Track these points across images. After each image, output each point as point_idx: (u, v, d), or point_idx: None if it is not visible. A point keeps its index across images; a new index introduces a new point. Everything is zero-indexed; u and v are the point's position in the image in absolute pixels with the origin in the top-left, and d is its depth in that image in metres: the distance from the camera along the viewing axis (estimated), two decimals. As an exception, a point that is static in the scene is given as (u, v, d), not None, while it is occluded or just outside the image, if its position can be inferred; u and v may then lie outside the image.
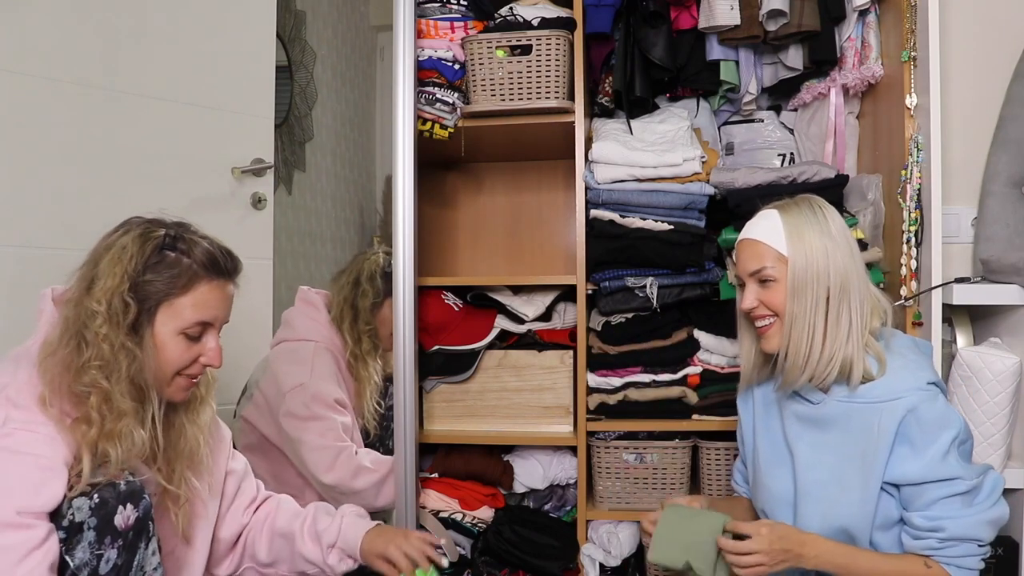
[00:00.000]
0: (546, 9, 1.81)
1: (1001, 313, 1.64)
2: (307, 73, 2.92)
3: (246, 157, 2.15)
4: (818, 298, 1.22)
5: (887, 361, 1.23)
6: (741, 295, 1.32)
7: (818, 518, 1.26)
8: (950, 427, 1.17)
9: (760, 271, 1.26)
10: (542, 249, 2.30)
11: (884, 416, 1.18)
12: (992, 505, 1.18)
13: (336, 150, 3.19)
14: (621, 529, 1.83)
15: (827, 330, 1.22)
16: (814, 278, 1.22)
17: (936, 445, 1.16)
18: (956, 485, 1.15)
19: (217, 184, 2.09)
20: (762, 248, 1.27)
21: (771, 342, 1.27)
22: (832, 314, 1.22)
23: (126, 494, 1.07)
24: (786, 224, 1.26)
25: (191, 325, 1.14)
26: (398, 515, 1.67)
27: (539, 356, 1.88)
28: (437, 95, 1.77)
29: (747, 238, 1.30)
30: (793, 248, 1.24)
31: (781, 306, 1.24)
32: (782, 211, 1.28)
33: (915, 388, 1.18)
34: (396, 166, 1.67)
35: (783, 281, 1.24)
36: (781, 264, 1.25)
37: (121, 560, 1.05)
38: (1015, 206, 1.72)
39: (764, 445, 1.39)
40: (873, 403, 1.20)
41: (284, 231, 2.69)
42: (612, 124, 1.88)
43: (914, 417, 1.17)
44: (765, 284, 1.26)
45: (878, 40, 1.79)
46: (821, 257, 1.23)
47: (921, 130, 1.59)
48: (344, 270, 1.93)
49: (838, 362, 1.21)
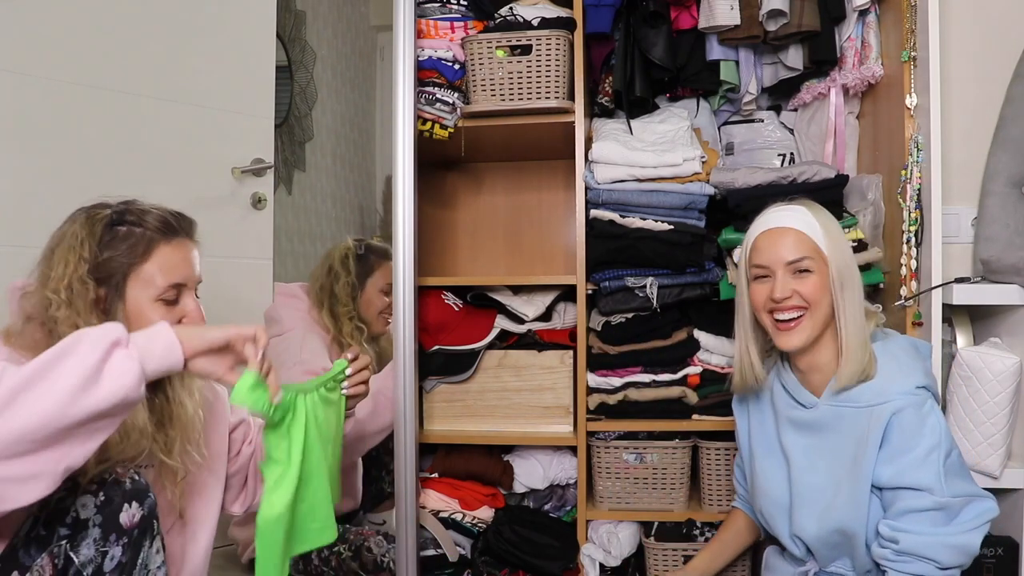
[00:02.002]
0: (546, 9, 1.81)
1: (1001, 313, 1.64)
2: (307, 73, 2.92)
3: (246, 157, 2.15)
4: (853, 292, 1.24)
5: (879, 363, 1.22)
6: (758, 288, 1.28)
7: (814, 521, 1.25)
8: (931, 435, 1.15)
9: (799, 260, 1.24)
10: (542, 249, 2.30)
11: (873, 420, 1.18)
12: (966, 531, 1.14)
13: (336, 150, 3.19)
14: (621, 529, 1.83)
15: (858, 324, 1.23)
16: (850, 273, 1.25)
17: (914, 451, 1.14)
18: (924, 498, 1.13)
19: (217, 184, 2.09)
20: (798, 236, 1.25)
21: (795, 338, 1.25)
22: (859, 310, 1.24)
23: (131, 492, 1.08)
24: (819, 220, 1.27)
25: (165, 289, 1.15)
26: (398, 515, 1.67)
27: (539, 356, 1.88)
28: (437, 95, 1.77)
29: (781, 226, 1.27)
30: (832, 243, 1.25)
31: (816, 298, 1.23)
32: (809, 208, 1.29)
33: (903, 392, 1.18)
34: (396, 166, 1.67)
35: (818, 275, 1.24)
36: (818, 257, 1.25)
37: (125, 558, 1.06)
38: (1015, 206, 1.71)
39: (759, 450, 1.38)
40: (864, 407, 1.20)
41: (284, 231, 2.69)
42: (612, 124, 1.88)
43: (897, 421, 1.16)
44: (801, 274, 1.25)
45: (878, 40, 1.79)
46: (849, 255, 1.26)
47: (921, 130, 1.59)
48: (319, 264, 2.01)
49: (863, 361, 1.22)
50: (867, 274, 1.67)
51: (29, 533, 1.02)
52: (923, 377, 1.22)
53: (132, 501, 1.07)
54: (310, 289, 1.98)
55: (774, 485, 1.34)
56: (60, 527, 1.02)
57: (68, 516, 1.02)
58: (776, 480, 1.34)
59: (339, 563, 1.73)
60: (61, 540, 1.02)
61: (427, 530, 1.79)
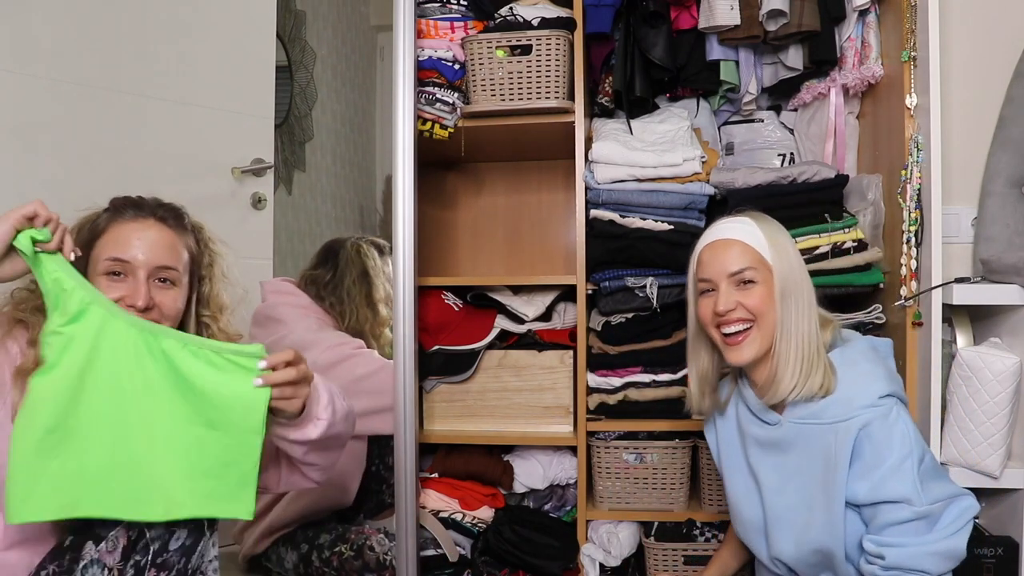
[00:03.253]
0: (546, 9, 1.81)
1: (1001, 313, 1.64)
2: (307, 73, 2.92)
3: (246, 157, 2.15)
4: (800, 303, 1.19)
5: (839, 374, 1.19)
6: (704, 303, 1.25)
7: (791, 543, 1.23)
8: (901, 445, 1.12)
9: (742, 271, 1.21)
10: (542, 249, 2.30)
11: (839, 436, 1.15)
12: (949, 535, 1.11)
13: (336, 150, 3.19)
14: (621, 529, 1.83)
15: (807, 337, 1.19)
16: (796, 283, 1.20)
17: (886, 465, 1.12)
18: (903, 509, 1.11)
19: (217, 184, 2.10)
20: (742, 248, 1.22)
21: (744, 352, 1.21)
22: (808, 322, 1.19)
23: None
24: (764, 230, 1.23)
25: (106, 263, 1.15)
26: (398, 515, 1.66)
27: (539, 356, 1.88)
28: (437, 95, 1.77)
29: (723, 238, 1.24)
30: (776, 253, 1.21)
31: (761, 310, 1.20)
32: (755, 219, 1.25)
33: (867, 405, 1.14)
34: (396, 166, 1.67)
35: (763, 285, 1.20)
36: (763, 267, 1.21)
37: (189, 541, 1.10)
38: (1015, 206, 1.72)
39: (730, 474, 1.35)
40: (829, 423, 1.17)
41: (284, 231, 2.69)
42: (612, 124, 1.88)
43: (866, 435, 1.13)
44: (745, 286, 1.21)
45: (878, 40, 1.79)
46: (796, 265, 1.22)
47: (921, 130, 1.59)
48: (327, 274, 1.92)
49: (816, 376, 1.18)
50: (867, 274, 1.68)
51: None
52: (885, 384, 1.17)
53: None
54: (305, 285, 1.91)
55: (746, 507, 1.31)
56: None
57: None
58: (748, 502, 1.31)
59: (341, 562, 1.73)
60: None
61: (427, 530, 1.79)
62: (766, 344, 1.21)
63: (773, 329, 1.20)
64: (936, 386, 1.56)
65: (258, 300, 1.90)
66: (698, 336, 1.30)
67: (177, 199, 1.28)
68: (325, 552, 1.75)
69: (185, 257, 1.23)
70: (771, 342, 1.21)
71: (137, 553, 1.07)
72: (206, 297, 1.27)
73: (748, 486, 1.31)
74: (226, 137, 2.11)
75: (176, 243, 1.21)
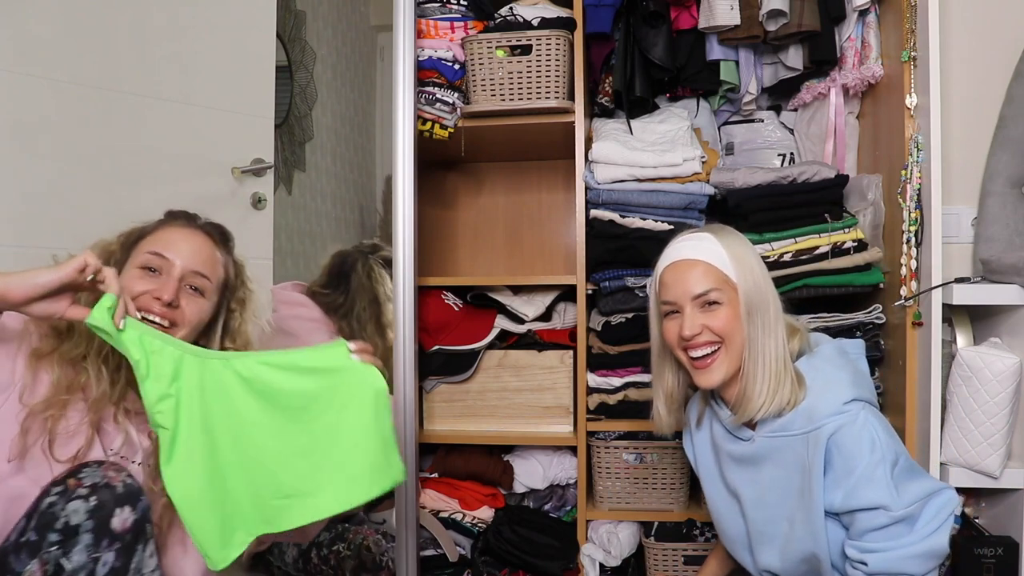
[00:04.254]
0: (546, 9, 1.81)
1: (1001, 313, 1.64)
2: (307, 73, 2.92)
3: (246, 157, 2.15)
4: (766, 320, 1.17)
5: (806, 383, 1.17)
6: (669, 325, 1.22)
7: (776, 555, 1.23)
8: (870, 451, 1.10)
9: (706, 293, 1.17)
10: (542, 249, 2.30)
11: (811, 446, 1.14)
12: (929, 535, 1.10)
13: (336, 150, 3.18)
14: (621, 529, 1.83)
15: (775, 354, 1.16)
16: (761, 299, 1.17)
17: (857, 472, 1.10)
18: (880, 515, 1.10)
19: (217, 184, 2.09)
20: (704, 268, 1.18)
21: (713, 375, 1.18)
22: (774, 338, 1.16)
23: (124, 496, 1.06)
24: (726, 246, 1.19)
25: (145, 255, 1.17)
26: (398, 515, 1.67)
27: (539, 356, 1.88)
28: (437, 95, 1.77)
29: (685, 259, 1.21)
30: (740, 270, 1.18)
31: (728, 331, 1.17)
32: (715, 234, 1.22)
33: (833, 413, 1.13)
34: (396, 166, 1.67)
35: (728, 306, 1.17)
36: (727, 287, 1.18)
37: (119, 563, 1.04)
38: (1015, 206, 1.71)
39: (710, 489, 1.35)
40: (798, 435, 1.15)
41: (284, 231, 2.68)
42: (612, 124, 1.88)
43: (834, 444, 1.12)
44: (710, 307, 1.18)
45: (878, 40, 1.79)
46: (761, 279, 1.18)
47: (921, 130, 1.59)
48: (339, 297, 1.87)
49: (782, 392, 1.15)
50: (867, 274, 1.68)
51: (19, 539, 1.01)
52: (849, 389, 1.15)
53: (125, 505, 1.05)
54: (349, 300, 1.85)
55: (729, 523, 1.31)
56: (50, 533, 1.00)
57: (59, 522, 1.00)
58: (730, 517, 1.30)
59: (338, 562, 1.73)
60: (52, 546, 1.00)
61: (427, 530, 1.79)
62: (734, 365, 1.19)
63: (741, 349, 1.17)
64: (936, 386, 1.56)
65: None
66: (662, 355, 1.28)
67: (177, 199, 1.29)
68: (324, 550, 1.75)
69: (220, 274, 1.24)
70: (739, 362, 1.18)
71: None
72: (233, 331, 1.28)
73: (728, 502, 1.30)
74: (226, 137, 2.10)
75: (216, 257, 1.24)
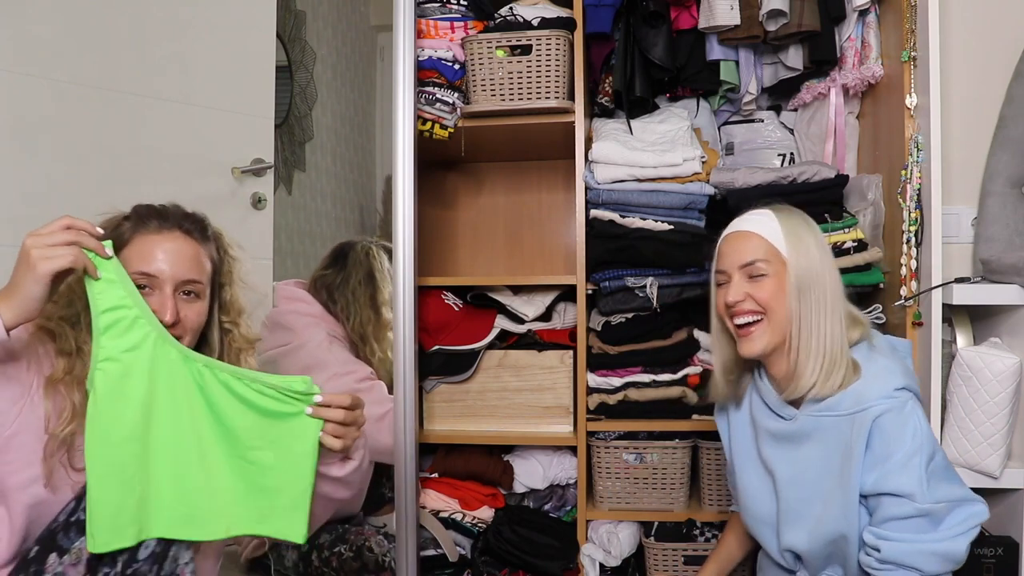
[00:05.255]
0: (546, 9, 1.81)
1: (1001, 313, 1.64)
2: (307, 73, 2.92)
3: (246, 157, 2.15)
4: (820, 299, 1.18)
5: (862, 369, 1.19)
6: (720, 293, 1.26)
7: (805, 535, 1.23)
8: (912, 439, 1.11)
9: (752, 263, 1.21)
10: (542, 249, 2.30)
11: (855, 427, 1.15)
12: (951, 537, 1.10)
13: (336, 150, 3.18)
14: (621, 529, 1.83)
15: (827, 335, 1.17)
16: (815, 279, 1.19)
17: (895, 456, 1.11)
18: (905, 504, 1.10)
19: (217, 184, 2.09)
20: (756, 241, 1.22)
21: (755, 344, 1.21)
22: (831, 320, 1.18)
23: None
24: (783, 223, 1.22)
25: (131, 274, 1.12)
26: (398, 515, 1.66)
27: (539, 356, 1.88)
28: (437, 95, 1.77)
29: (739, 230, 1.25)
30: (793, 247, 1.20)
31: (770, 303, 1.19)
32: (777, 212, 1.24)
33: (883, 396, 1.14)
34: (396, 166, 1.67)
35: (774, 278, 1.20)
36: (776, 260, 1.20)
37: (159, 548, 1.09)
38: (1015, 206, 1.72)
39: (741, 464, 1.35)
40: (844, 415, 1.16)
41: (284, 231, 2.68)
42: (612, 124, 1.88)
43: (878, 426, 1.13)
44: (755, 279, 1.21)
45: (878, 40, 1.80)
46: (817, 262, 1.20)
47: (921, 130, 1.59)
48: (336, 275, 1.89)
49: (836, 374, 1.17)
50: (867, 274, 1.68)
51: (69, 518, 1.05)
52: (902, 378, 1.17)
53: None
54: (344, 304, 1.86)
55: (758, 502, 1.31)
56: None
57: None
58: (760, 497, 1.31)
59: (340, 563, 1.73)
60: None
61: (427, 530, 1.79)
62: (777, 337, 1.20)
63: (785, 323, 1.19)
64: (936, 386, 1.56)
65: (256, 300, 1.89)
66: (720, 327, 1.31)
67: (177, 199, 1.27)
68: (325, 552, 1.75)
69: (208, 268, 1.22)
70: (783, 336, 1.20)
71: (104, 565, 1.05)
72: (227, 303, 1.27)
73: (762, 479, 1.31)
74: (226, 137, 2.10)
75: (201, 255, 1.21)
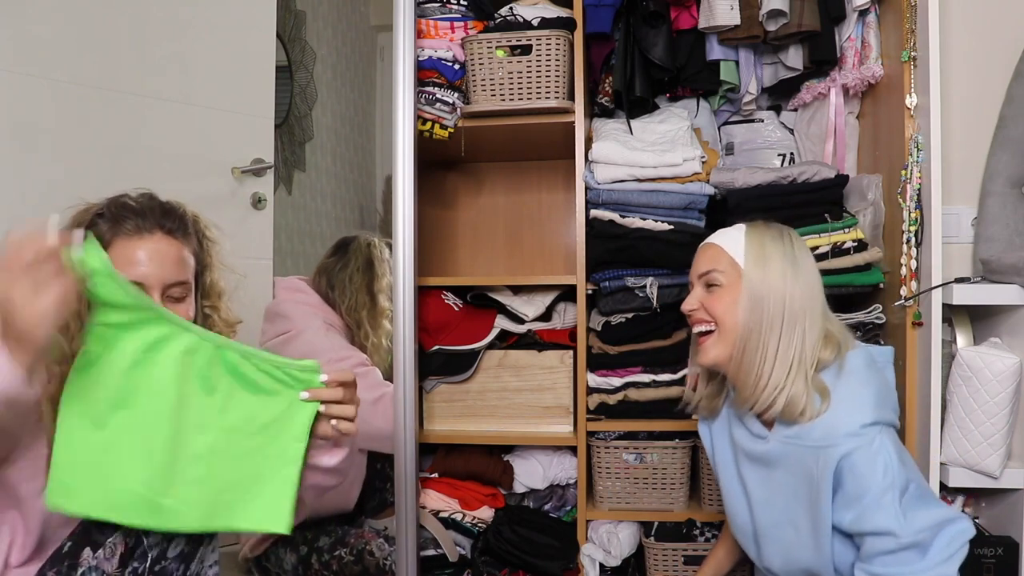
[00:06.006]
0: (546, 9, 1.81)
1: (1001, 313, 1.64)
2: (307, 73, 2.92)
3: (246, 157, 2.15)
4: (773, 317, 1.16)
5: (831, 396, 1.16)
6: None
7: (779, 559, 1.23)
8: (883, 476, 1.10)
9: (708, 273, 1.22)
10: (542, 249, 2.30)
11: (821, 463, 1.13)
12: (942, 562, 1.09)
13: (336, 150, 3.19)
14: (621, 529, 1.83)
15: (777, 354, 1.16)
16: (769, 295, 1.17)
17: (867, 497, 1.10)
18: (888, 541, 1.09)
19: (217, 184, 2.10)
20: (716, 252, 1.23)
21: (707, 353, 1.21)
22: (784, 340, 1.16)
23: None
24: (749, 237, 1.22)
25: None
26: (398, 515, 1.66)
27: (539, 356, 1.88)
28: (437, 95, 1.77)
29: (707, 242, 1.27)
30: (752, 260, 1.19)
31: (722, 315, 1.19)
32: (749, 226, 1.25)
33: (849, 434, 1.12)
34: (396, 166, 1.67)
35: (729, 289, 1.19)
36: (732, 273, 1.20)
37: (188, 548, 1.10)
38: (1015, 206, 1.72)
39: (724, 478, 1.35)
40: (812, 447, 1.15)
41: (284, 231, 2.69)
42: (612, 124, 1.88)
43: (847, 466, 1.11)
44: (711, 289, 1.22)
45: (878, 40, 1.79)
46: (778, 278, 1.18)
47: (921, 130, 1.59)
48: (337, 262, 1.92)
49: (784, 395, 1.15)
50: (867, 274, 1.68)
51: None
52: (871, 410, 1.14)
53: None
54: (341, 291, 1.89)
55: (739, 516, 1.31)
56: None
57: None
58: (740, 511, 1.31)
59: (340, 567, 1.73)
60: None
61: (427, 530, 1.79)
62: (728, 349, 1.20)
63: (735, 335, 1.18)
64: (936, 386, 1.56)
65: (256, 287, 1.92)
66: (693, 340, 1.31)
67: (177, 199, 1.26)
68: (324, 555, 1.75)
69: (192, 264, 1.20)
70: (732, 348, 1.19)
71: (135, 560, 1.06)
72: (207, 287, 1.25)
73: (739, 495, 1.31)
74: (226, 137, 2.11)
75: (183, 253, 1.17)
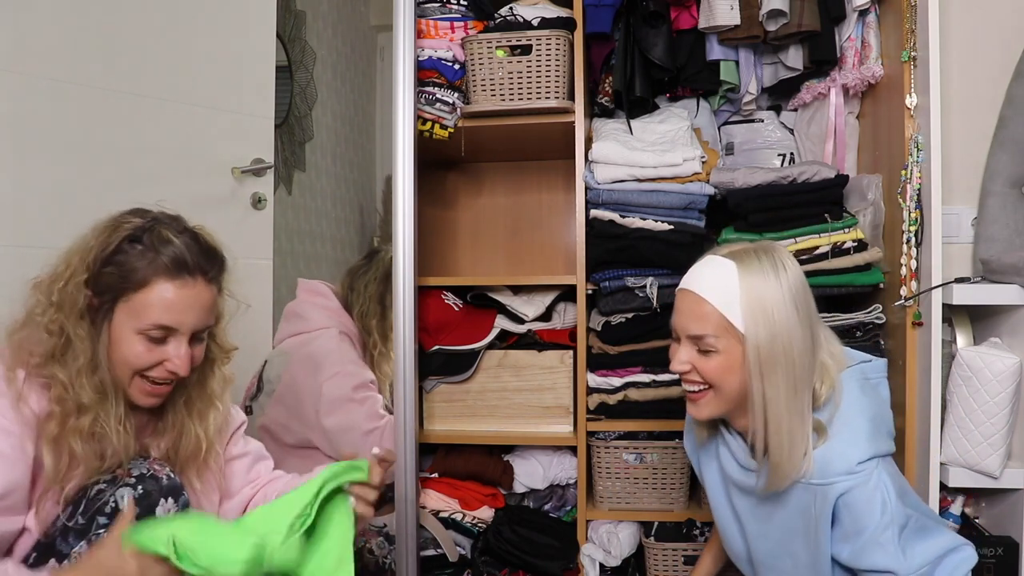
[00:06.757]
0: (546, 9, 1.81)
1: (1001, 313, 1.64)
2: (307, 73, 2.92)
3: (246, 157, 2.15)
4: (787, 371, 1.08)
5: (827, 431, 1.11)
6: (671, 348, 1.18)
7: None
8: (882, 515, 1.08)
9: (702, 338, 1.11)
10: (542, 249, 2.30)
11: (818, 500, 1.11)
12: None
13: (336, 150, 3.18)
14: (621, 529, 1.83)
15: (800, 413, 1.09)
16: (781, 348, 1.08)
17: (865, 535, 1.09)
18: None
19: (217, 184, 2.09)
20: (708, 311, 1.10)
21: (701, 412, 1.16)
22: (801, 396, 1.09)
23: (168, 488, 1.09)
24: (744, 285, 1.09)
25: (150, 327, 1.07)
26: (398, 515, 1.67)
27: (539, 356, 1.88)
28: (437, 95, 1.77)
29: (691, 291, 1.13)
30: (752, 319, 1.08)
31: (719, 379, 1.12)
32: (740, 266, 1.10)
33: (845, 472, 1.09)
34: (396, 166, 1.67)
35: (726, 355, 1.10)
36: (729, 337, 1.10)
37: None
38: (1015, 206, 1.72)
39: (711, 497, 1.32)
40: (807, 483, 1.12)
41: (284, 231, 2.68)
42: (612, 124, 1.88)
43: (844, 503, 1.09)
44: (704, 353, 1.12)
45: (878, 40, 1.79)
46: (784, 331, 1.08)
47: (921, 130, 1.59)
48: (362, 267, 1.95)
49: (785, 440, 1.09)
50: (867, 274, 1.68)
51: (67, 524, 1.04)
52: (867, 443, 1.10)
53: (168, 496, 1.09)
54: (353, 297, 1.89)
55: (732, 539, 1.30)
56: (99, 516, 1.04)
57: (107, 506, 1.04)
58: (733, 535, 1.29)
59: (339, 564, 1.73)
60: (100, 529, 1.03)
61: (427, 530, 1.79)
62: (724, 406, 1.15)
63: (734, 393, 1.13)
64: (936, 386, 1.56)
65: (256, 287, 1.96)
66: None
67: (177, 199, 1.25)
68: (325, 553, 1.75)
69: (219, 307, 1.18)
70: (733, 404, 1.14)
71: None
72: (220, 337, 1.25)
73: (730, 520, 1.29)
74: (226, 137, 2.10)
75: (217, 299, 1.16)
